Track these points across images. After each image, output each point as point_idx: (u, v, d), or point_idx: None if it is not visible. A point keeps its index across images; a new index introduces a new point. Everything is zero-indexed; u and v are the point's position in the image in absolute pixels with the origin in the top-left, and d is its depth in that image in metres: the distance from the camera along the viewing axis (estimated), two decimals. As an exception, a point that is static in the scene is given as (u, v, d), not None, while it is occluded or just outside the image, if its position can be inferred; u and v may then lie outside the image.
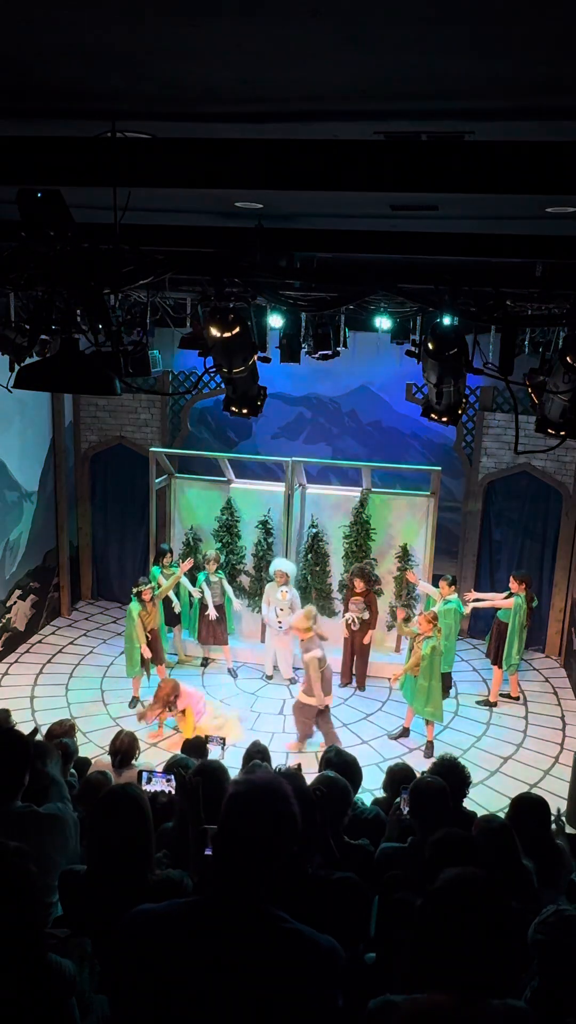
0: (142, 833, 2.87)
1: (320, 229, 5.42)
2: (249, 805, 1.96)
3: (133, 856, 2.83)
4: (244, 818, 1.95)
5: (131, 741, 6.10)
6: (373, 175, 3.57)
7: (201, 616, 10.01)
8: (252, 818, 1.94)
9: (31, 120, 3.48)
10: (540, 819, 4.49)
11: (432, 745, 8.54)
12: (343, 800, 3.86)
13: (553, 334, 6.90)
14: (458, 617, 9.36)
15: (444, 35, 2.22)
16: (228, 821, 1.97)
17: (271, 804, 1.95)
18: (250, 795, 1.97)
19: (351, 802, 4.01)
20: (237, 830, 1.95)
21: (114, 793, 2.98)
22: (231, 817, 1.96)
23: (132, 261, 4.41)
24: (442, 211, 4.23)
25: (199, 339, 5.88)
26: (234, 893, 1.95)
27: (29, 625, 10.94)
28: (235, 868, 1.95)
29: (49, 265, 3.98)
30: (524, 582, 9.43)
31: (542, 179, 3.45)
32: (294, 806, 1.97)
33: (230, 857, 1.96)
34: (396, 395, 11.10)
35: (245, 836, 1.94)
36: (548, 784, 8.08)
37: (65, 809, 3.43)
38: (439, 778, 4.36)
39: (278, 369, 7.55)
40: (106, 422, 11.73)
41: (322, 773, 4.19)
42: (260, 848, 1.93)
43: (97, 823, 2.95)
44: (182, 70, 2.71)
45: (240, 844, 1.94)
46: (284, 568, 9.69)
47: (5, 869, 2.28)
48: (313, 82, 2.75)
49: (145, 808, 2.93)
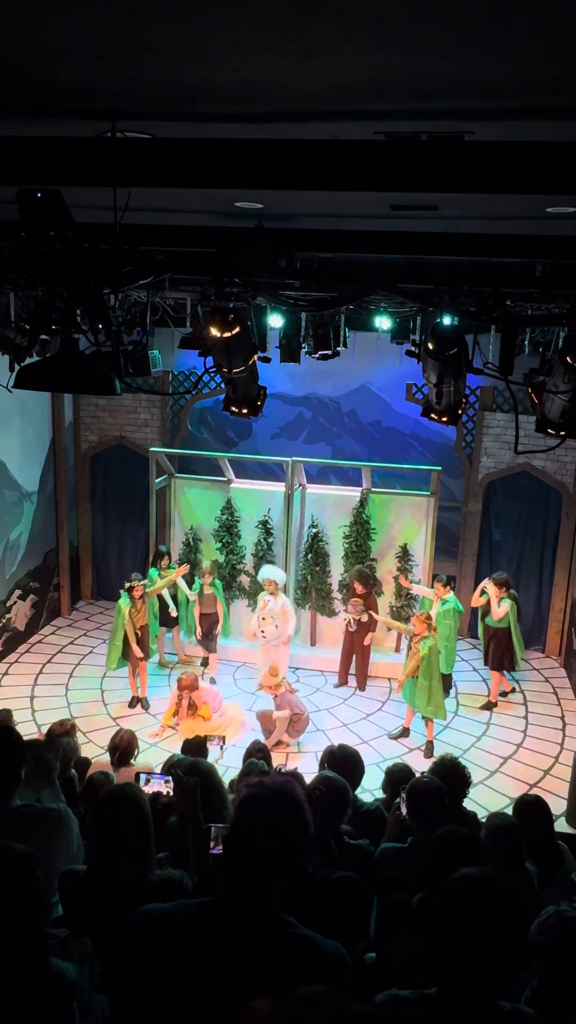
0: (142, 833, 2.87)
1: (320, 229, 5.41)
2: (262, 809, 1.96)
3: (133, 856, 2.83)
4: (256, 821, 1.95)
5: (130, 739, 6.10)
6: (373, 175, 3.57)
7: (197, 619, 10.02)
8: (264, 822, 1.94)
9: (31, 120, 3.48)
10: (542, 819, 4.49)
11: (432, 745, 8.55)
12: (342, 799, 3.86)
13: (553, 334, 6.90)
14: (457, 617, 9.34)
15: (444, 35, 2.22)
16: (240, 824, 1.97)
17: (284, 808, 1.95)
18: (263, 799, 1.97)
19: (350, 801, 4.01)
20: (249, 833, 1.96)
21: (114, 794, 2.98)
22: (243, 820, 1.97)
23: (132, 261, 4.41)
24: (442, 211, 4.23)
25: (199, 339, 5.89)
26: (243, 896, 1.96)
27: (29, 625, 10.94)
28: (245, 871, 1.95)
29: (49, 265, 3.98)
30: (506, 585, 9.38)
31: (542, 179, 3.45)
32: (306, 811, 1.97)
33: (240, 860, 1.96)
34: (396, 395, 11.10)
35: (256, 839, 1.94)
36: (548, 784, 8.08)
37: (65, 807, 3.44)
38: (436, 778, 4.36)
39: (278, 369, 7.56)
40: (106, 422, 11.74)
41: (321, 772, 4.19)
42: (271, 852, 1.93)
43: (97, 823, 2.95)
44: (182, 70, 2.71)
45: (251, 847, 1.94)
46: (270, 576, 9.55)
47: (11, 872, 2.27)
48: (313, 82, 2.75)
49: (145, 808, 2.93)
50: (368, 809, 4.72)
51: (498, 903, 2.01)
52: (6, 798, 3.22)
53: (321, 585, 10.61)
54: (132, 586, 9.19)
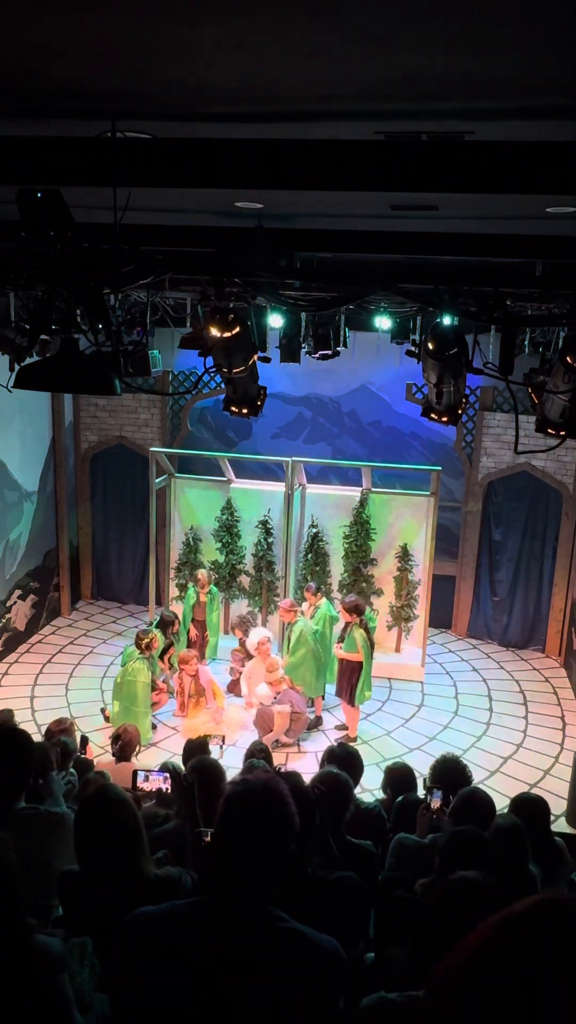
0: (127, 833, 2.84)
1: (320, 229, 5.41)
2: (245, 807, 1.96)
3: (122, 856, 2.81)
4: (241, 820, 1.95)
5: (134, 734, 6.11)
6: (373, 175, 3.57)
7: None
8: (249, 819, 1.94)
9: (31, 120, 3.48)
10: (540, 819, 4.49)
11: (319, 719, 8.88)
12: (343, 796, 3.84)
13: (553, 334, 6.89)
14: (331, 624, 9.04)
15: (444, 35, 2.22)
16: (225, 822, 1.98)
17: (268, 805, 1.95)
18: (246, 796, 1.97)
19: (352, 798, 3.99)
20: (234, 832, 1.96)
21: (92, 798, 2.96)
22: (228, 818, 1.97)
23: (132, 261, 4.41)
24: (442, 211, 4.23)
25: (199, 339, 5.88)
26: (235, 894, 1.96)
27: (29, 625, 10.94)
28: (234, 869, 1.95)
29: (49, 265, 3.98)
30: (356, 611, 8.54)
31: (542, 179, 3.45)
32: (291, 807, 1.97)
33: (229, 858, 1.96)
34: (396, 395, 11.10)
35: (242, 837, 1.94)
36: (548, 784, 8.08)
37: (66, 811, 3.43)
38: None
39: (278, 369, 7.55)
40: (106, 422, 11.74)
41: (323, 769, 4.18)
42: (258, 849, 1.93)
43: (80, 825, 2.94)
44: (182, 70, 2.71)
45: (238, 845, 1.94)
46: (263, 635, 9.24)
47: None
48: (313, 82, 2.75)
49: (129, 808, 2.90)
50: (368, 809, 4.72)
51: (491, 909, 2.00)
52: (12, 800, 3.22)
53: (321, 585, 10.60)
54: (148, 642, 8.49)
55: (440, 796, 4.51)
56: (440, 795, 4.51)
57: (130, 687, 8.23)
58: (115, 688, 8.43)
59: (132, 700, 8.21)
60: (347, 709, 8.89)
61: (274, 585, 10.55)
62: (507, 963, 0.84)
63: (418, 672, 10.23)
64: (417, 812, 4.61)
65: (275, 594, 10.51)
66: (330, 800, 3.62)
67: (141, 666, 8.31)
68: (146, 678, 8.30)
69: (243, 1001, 1.88)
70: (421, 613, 10.44)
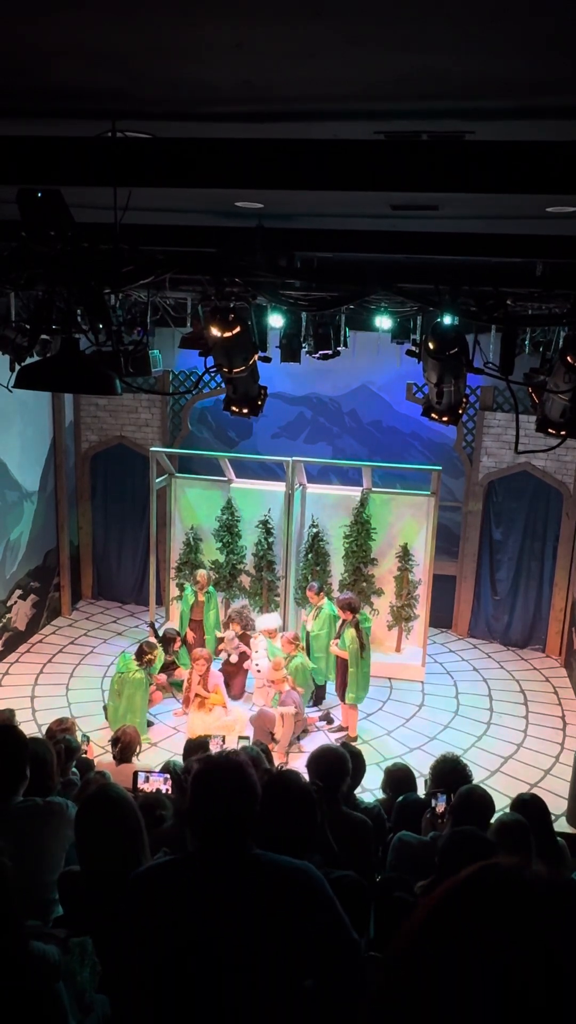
0: (127, 833, 2.84)
1: (320, 229, 5.41)
2: (210, 780, 2.25)
3: (121, 856, 2.81)
4: (207, 790, 2.23)
5: (133, 736, 6.12)
6: (373, 175, 3.57)
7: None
8: (214, 790, 2.22)
9: (31, 120, 3.48)
10: (539, 818, 4.49)
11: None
12: (338, 768, 3.84)
13: (553, 334, 6.89)
14: (333, 623, 9.03)
15: (444, 35, 2.22)
16: (194, 795, 2.27)
17: (229, 776, 2.24)
18: (209, 772, 2.28)
19: (348, 770, 3.99)
20: (202, 802, 2.23)
21: (93, 797, 2.96)
22: (196, 791, 2.27)
23: (132, 261, 4.41)
24: (442, 211, 4.23)
25: (199, 339, 5.89)
26: (210, 846, 2.22)
27: (29, 625, 10.94)
28: (206, 831, 2.22)
29: (49, 265, 3.98)
30: (350, 608, 8.61)
31: (542, 179, 3.44)
32: (252, 775, 2.26)
33: (201, 824, 2.24)
34: (396, 395, 11.11)
35: (209, 806, 2.21)
36: (548, 784, 8.08)
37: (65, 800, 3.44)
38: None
39: (278, 369, 7.55)
40: (106, 422, 11.74)
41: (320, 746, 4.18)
42: (225, 813, 2.20)
43: (80, 825, 2.94)
44: (182, 70, 2.71)
45: (207, 812, 2.22)
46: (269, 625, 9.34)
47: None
48: (313, 82, 2.75)
49: (128, 808, 2.90)
50: (368, 809, 4.72)
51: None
52: (10, 796, 3.23)
53: (323, 586, 10.60)
54: (150, 657, 8.50)
55: (444, 800, 4.50)
56: (444, 799, 4.50)
57: (131, 689, 8.33)
58: (111, 691, 8.56)
59: (130, 703, 8.30)
60: (346, 709, 8.91)
61: (274, 585, 10.57)
62: (448, 930, 0.87)
63: (418, 672, 10.23)
64: (422, 818, 4.62)
65: (275, 594, 10.52)
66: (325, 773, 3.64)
67: (139, 676, 8.41)
68: (142, 684, 8.40)
69: (234, 927, 2.10)
70: (421, 613, 10.44)
